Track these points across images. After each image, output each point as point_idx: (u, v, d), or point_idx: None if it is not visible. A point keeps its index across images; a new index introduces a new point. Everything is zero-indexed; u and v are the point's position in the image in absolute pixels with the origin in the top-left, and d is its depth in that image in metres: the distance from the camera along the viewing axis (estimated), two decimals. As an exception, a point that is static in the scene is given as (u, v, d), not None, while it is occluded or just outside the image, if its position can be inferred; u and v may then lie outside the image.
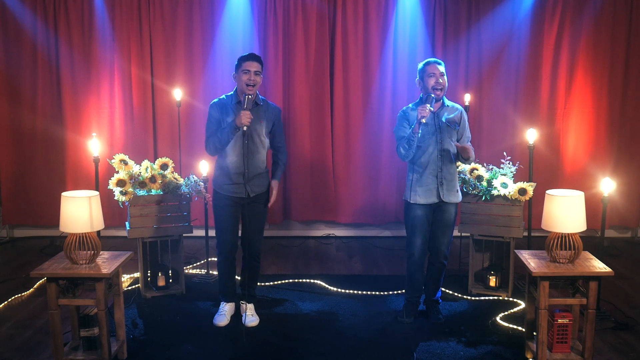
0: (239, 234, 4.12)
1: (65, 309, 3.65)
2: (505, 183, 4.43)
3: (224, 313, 4.14)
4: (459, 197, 4.12)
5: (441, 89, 3.95)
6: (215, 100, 3.96)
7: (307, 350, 3.76)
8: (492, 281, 4.61)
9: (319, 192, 6.25)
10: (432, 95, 3.90)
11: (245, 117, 3.69)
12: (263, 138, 3.95)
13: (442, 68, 3.97)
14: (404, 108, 4.08)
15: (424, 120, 3.78)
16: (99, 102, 6.06)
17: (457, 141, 4.01)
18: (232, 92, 3.97)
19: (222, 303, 4.20)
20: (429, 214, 4.08)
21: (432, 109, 3.84)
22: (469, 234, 4.69)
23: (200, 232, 5.30)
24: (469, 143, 4.05)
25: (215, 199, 4.05)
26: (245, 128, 3.72)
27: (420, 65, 4.04)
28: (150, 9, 5.95)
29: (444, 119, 3.98)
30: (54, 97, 6.07)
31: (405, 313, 4.20)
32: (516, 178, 4.56)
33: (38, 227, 6.30)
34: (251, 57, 3.84)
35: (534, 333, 3.61)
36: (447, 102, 4.07)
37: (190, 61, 6.04)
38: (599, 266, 3.41)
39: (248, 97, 3.73)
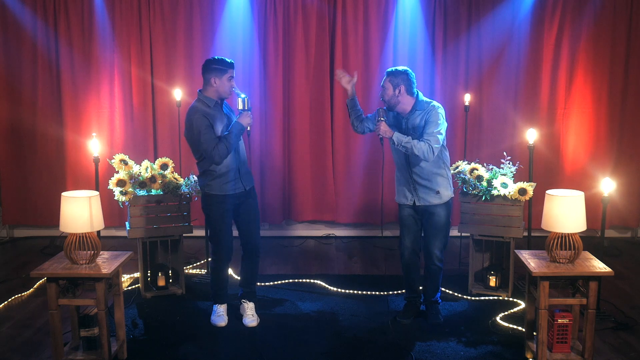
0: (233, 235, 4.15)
1: (65, 309, 3.65)
2: (505, 183, 4.43)
3: (222, 314, 4.14)
4: (441, 198, 3.99)
5: (382, 101, 3.99)
6: (193, 109, 3.88)
7: (307, 350, 3.76)
8: (492, 281, 4.61)
9: (319, 192, 6.24)
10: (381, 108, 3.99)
11: (249, 116, 3.95)
12: None
13: (386, 80, 3.92)
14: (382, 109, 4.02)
15: (379, 135, 3.92)
16: (99, 102, 6.06)
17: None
18: (197, 98, 3.92)
19: (216, 305, 4.18)
20: (416, 214, 4.08)
21: (383, 119, 3.90)
22: (469, 234, 4.69)
23: (200, 232, 5.30)
24: (423, 140, 3.77)
25: (212, 204, 4.01)
26: (249, 128, 3.96)
27: None
28: (150, 9, 5.95)
29: (409, 125, 3.94)
30: (54, 97, 6.07)
31: (404, 313, 4.21)
32: (516, 178, 4.56)
33: (38, 227, 6.29)
34: (233, 64, 3.96)
35: (534, 333, 3.61)
36: (420, 105, 3.89)
37: (190, 61, 6.02)
38: (599, 266, 3.41)
39: (246, 98, 3.95)
